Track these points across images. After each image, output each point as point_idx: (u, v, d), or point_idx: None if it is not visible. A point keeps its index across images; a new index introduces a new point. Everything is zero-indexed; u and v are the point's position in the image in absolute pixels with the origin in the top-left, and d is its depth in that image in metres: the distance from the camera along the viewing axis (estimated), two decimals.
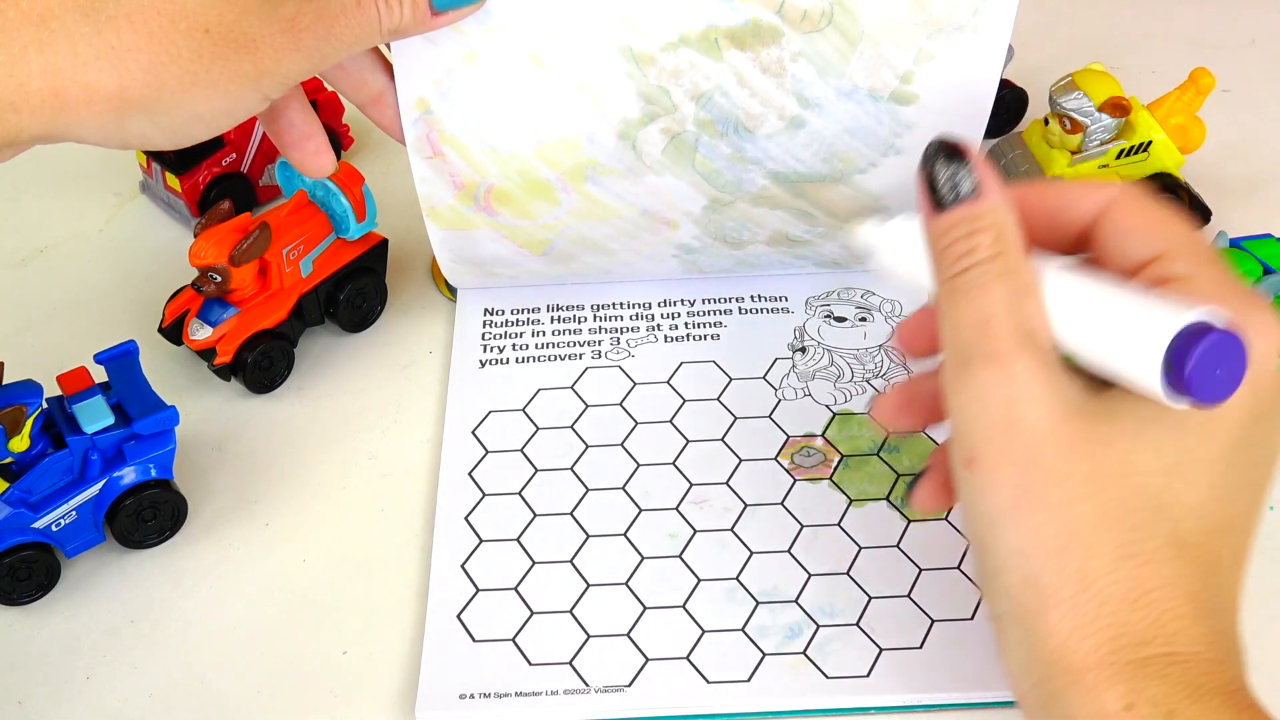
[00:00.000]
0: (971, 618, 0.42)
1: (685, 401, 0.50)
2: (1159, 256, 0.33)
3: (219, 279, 0.49)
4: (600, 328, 0.53)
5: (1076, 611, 0.31)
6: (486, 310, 0.54)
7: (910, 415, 0.40)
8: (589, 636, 0.42)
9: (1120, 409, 0.32)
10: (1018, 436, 0.32)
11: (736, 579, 0.44)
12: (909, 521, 0.45)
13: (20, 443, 0.42)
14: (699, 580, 0.44)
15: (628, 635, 0.42)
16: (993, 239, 0.33)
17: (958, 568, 0.44)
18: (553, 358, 0.52)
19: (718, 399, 0.50)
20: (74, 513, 0.44)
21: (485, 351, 0.53)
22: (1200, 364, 0.29)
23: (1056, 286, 0.33)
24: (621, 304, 0.54)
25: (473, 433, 0.49)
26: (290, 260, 0.51)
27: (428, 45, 0.43)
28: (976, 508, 0.33)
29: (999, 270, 0.33)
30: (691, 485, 0.47)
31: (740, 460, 0.48)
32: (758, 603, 0.43)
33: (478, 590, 0.44)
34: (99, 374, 0.46)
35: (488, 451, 0.49)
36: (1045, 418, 0.31)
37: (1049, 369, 0.32)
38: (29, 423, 0.42)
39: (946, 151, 0.34)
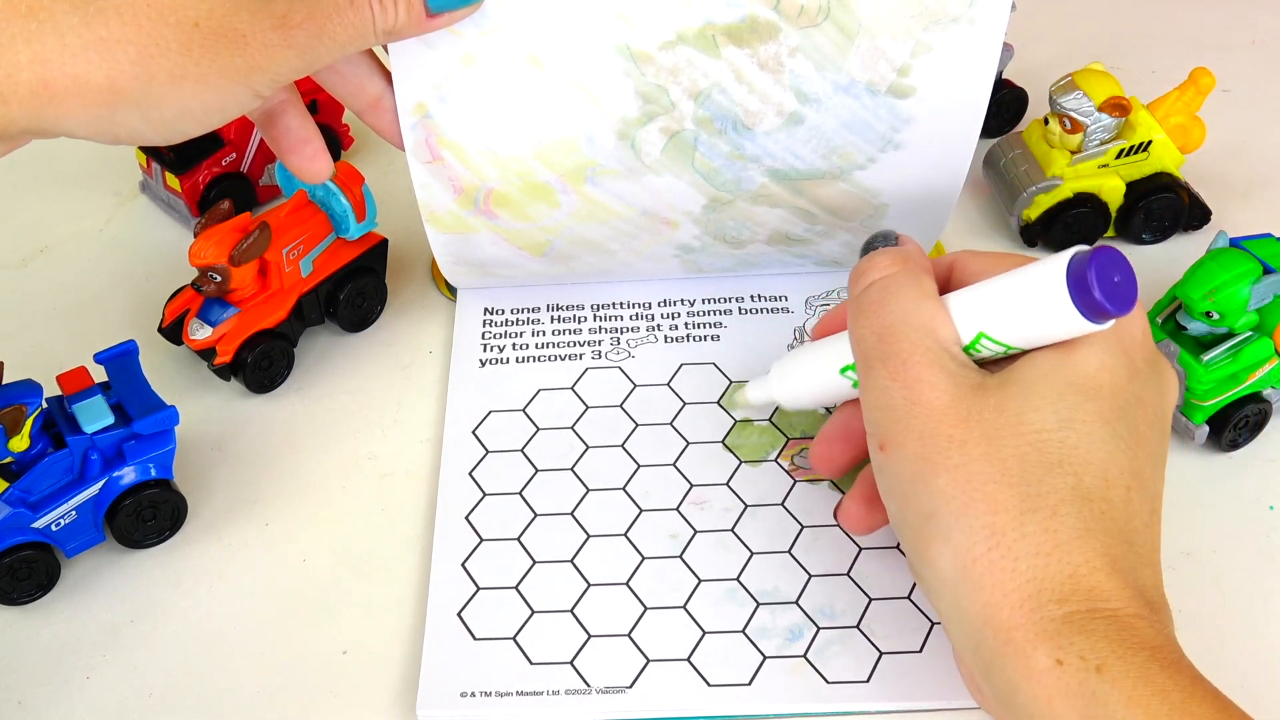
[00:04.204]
0: None
1: (685, 403, 0.50)
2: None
3: (219, 279, 0.49)
4: (600, 328, 0.53)
5: (994, 568, 0.32)
6: (486, 310, 0.54)
7: (839, 454, 0.43)
8: (590, 636, 0.42)
9: (1012, 377, 0.35)
10: (917, 413, 0.34)
11: (737, 580, 0.44)
12: None
13: (20, 443, 0.42)
14: (700, 581, 0.44)
15: (629, 636, 0.42)
16: (892, 259, 0.38)
17: None
18: (553, 358, 0.52)
19: (718, 401, 0.50)
20: (74, 512, 0.44)
21: (485, 351, 0.53)
22: (1100, 278, 0.33)
23: (961, 298, 0.37)
24: (621, 304, 0.54)
25: (473, 433, 0.49)
26: (290, 260, 0.51)
27: (425, 49, 0.43)
28: (892, 488, 0.36)
29: (897, 284, 0.37)
30: (692, 486, 0.47)
31: (740, 461, 0.48)
32: (758, 604, 0.43)
33: (478, 589, 0.44)
34: (99, 374, 0.46)
35: (488, 451, 0.49)
36: (941, 396, 0.34)
37: (945, 358, 0.35)
38: (29, 422, 0.42)
39: (883, 237, 0.40)
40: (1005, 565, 0.32)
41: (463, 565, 0.45)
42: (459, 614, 0.43)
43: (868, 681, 0.41)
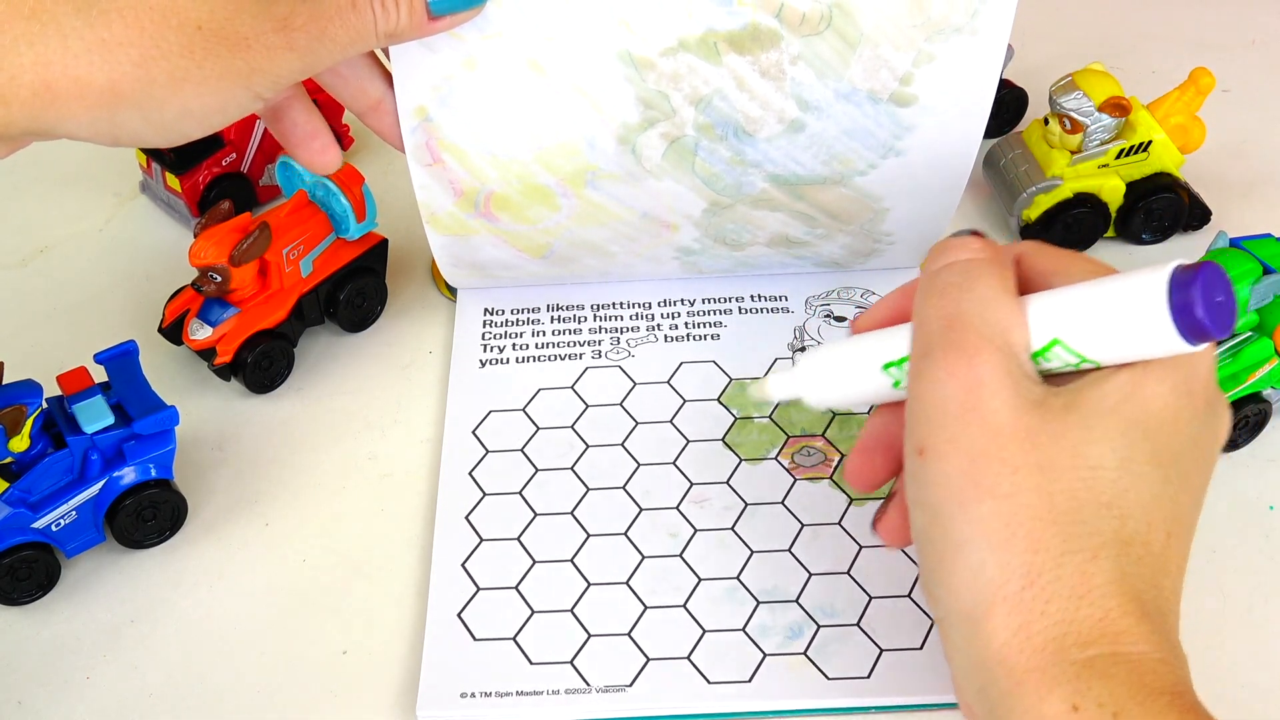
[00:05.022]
0: None
1: (685, 401, 0.50)
2: (1082, 278, 0.34)
3: (219, 279, 0.49)
4: (600, 328, 0.53)
5: (1022, 608, 0.30)
6: (486, 310, 0.54)
7: (879, 466, 0.39)
8: (590, 636, 0.42)
9: (1076, 402, 0.32)
10: (971, 424, 0.31)
11: (737, 578, 0.44)
12: None
13: (20, 443, 0.42)
14: (700, 579, 0.44)
15: (629, 635, 0.42)
16: (982, 245, 0.35)
17: None
18: (553, 358, 0.52)
19: (718, 399, 0.50)
20: (74, 512, 0.44)
21: (485, 351, 0.53)
22: (1205, 297, 0.30)
23: (1041, 300, 0.33)
24: (621, 304, 0.54)
25: (473, 432, 0.49)
26: (290, 260, 0.51)
27: (426, 52, 0.43)
28: (925, 499, 0.32)
29: (981, 269, 0.34)
30: (692, 485, 0.47)
31: (740, 460, 0.48)
32: (758, 602, 0.43)
33: (478, 589, 0.44)
34: (99, 374, 0.46)
35: (488, 451, 0.49)
36: (1002, 409, 0.31)
37: (1013, 364, 0.32)
38: (29, 423, 0.42)
39: (969, 233, 0.36)
40: (1036, 606, 0.30)
41: (463, 565, 0.45)
42: (459, 614, 0.43)
43: (868, 677, 0.41)
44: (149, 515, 0.46)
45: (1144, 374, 0.32)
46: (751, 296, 0.54)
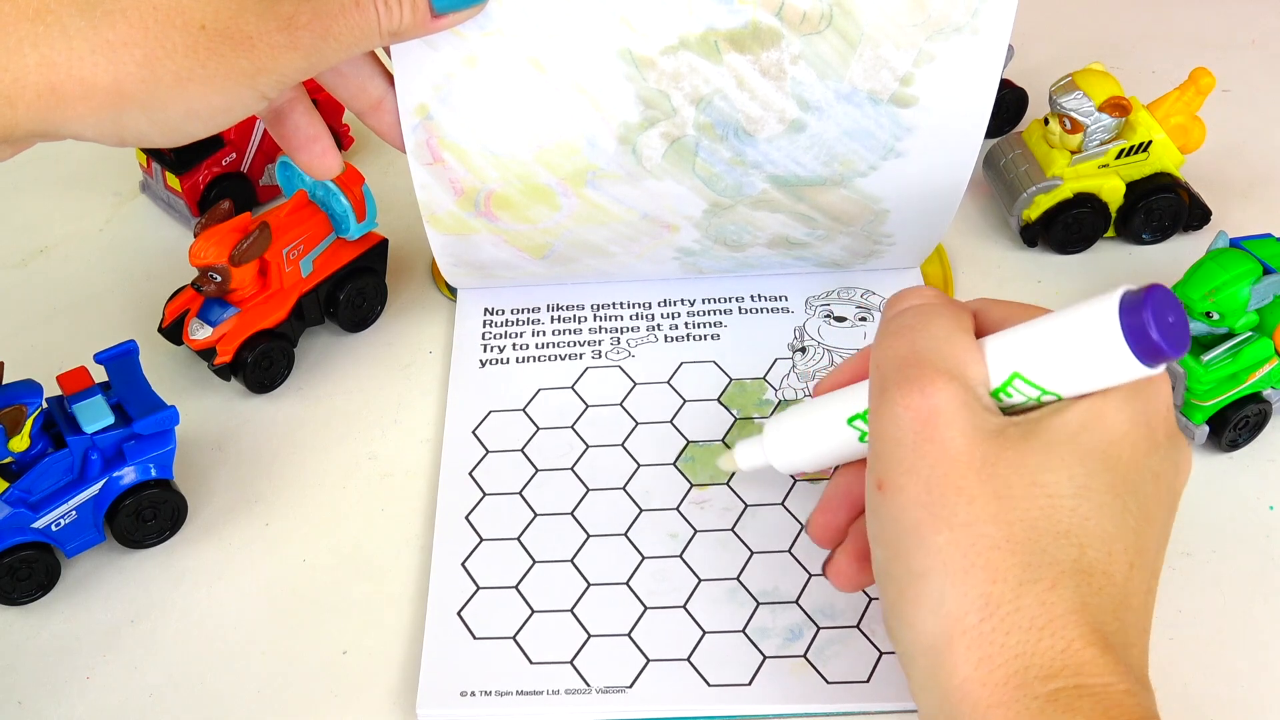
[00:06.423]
0: None
1: (685, 402, 0.50)
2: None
3: (219, 279, 0.49)
4: (600, 328, 0.53)
5: (982, 640, 0.30)
6: (486, 310, 0.54)
7: (843, 523, 0.39)
8: (590, 636, 0.42)
9: (1034, 430, 0.32)
10: (928, 454, 0.32)
11: (737, 579, 0.44)
12: None
13: (20, 443, 0.42)
14: (700, 580, 0.44)
15: (629, 635, 0.42)
16: (934, 293, 0.36)
17: None
18: (553, 358, 0.52)
19: (718, 399, 0.50)
20: (74, 512, 0.44)
21: (485, 351, 0.53)
22: (1156, 317, 0.30)
23: (997, 338, 0.34)
24: (621, 304, 0.54)
25: (473, 432, 0.49)
26: (290, 260, 0.51)
27: (427, 50, 0.43)
28: (884, 534, 0.33)
29: (935, 312, 0.34)
30: (692, 485, 0.47)
31: None
32: (758, 603, 0.43)
33: (478, 588, 0.44)
34: (99, 374, 0.46)
35: (488, 451, 0.49)
36: (958, 437, 0.31)
37: (969, 395, 0.32)
38: (29, 422, 0.42)
39: None
40: (995, 639, 0.30)
41: (463, 565, 0.45)
42: (459, 614, 0.43)
43: (867, 681, 0.41)
44: (149, 515, 0.46)
45: (1102, 403, 0.32)
46: (751, 296, 0.54)
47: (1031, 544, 0.30)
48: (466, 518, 0.46)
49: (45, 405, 0.43)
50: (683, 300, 0.54)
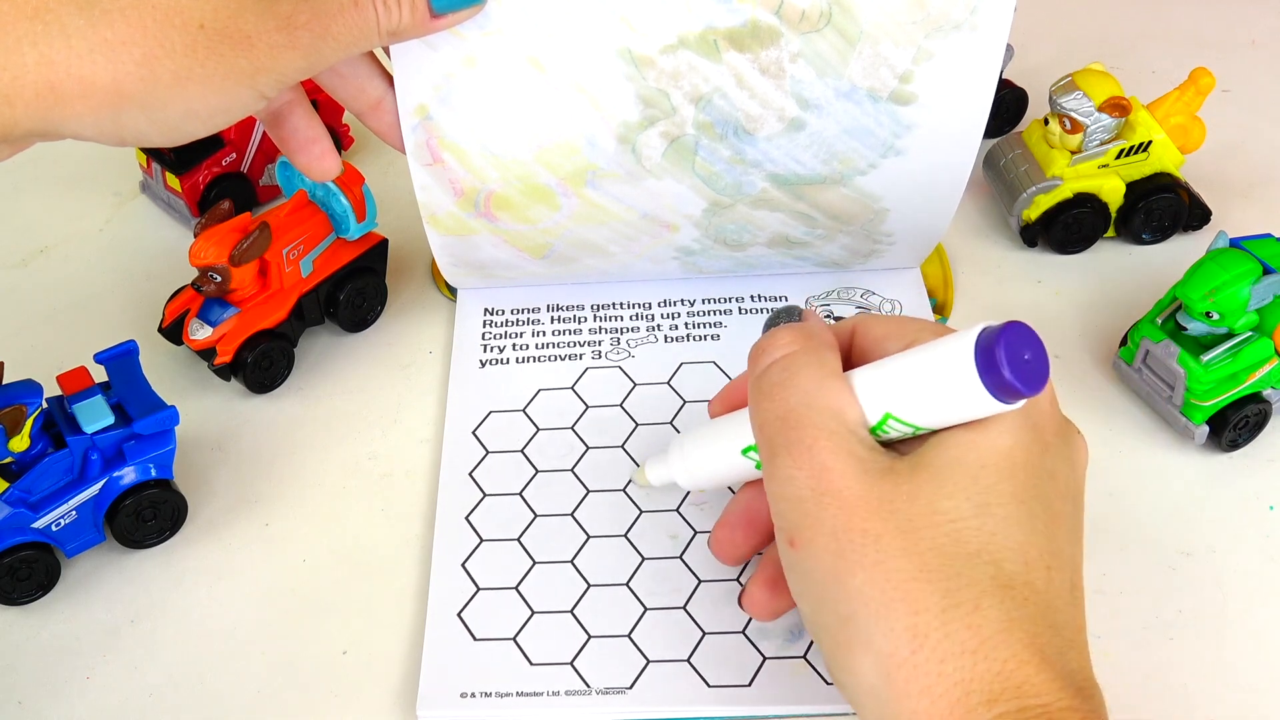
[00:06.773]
0: None
1: (685, 402, 0.50)
2: (910, 342, 0.35)
3: (219, 279, 0.49)
4: (600, 328, 0.53)
5: (919, 672, 0.30)
6: (486, 310, 0.54)
7: (742, 541, 0.40)
8: (590, 637, 0.42)
9: (922, 462, 0.33)
10: (828, 507, 0.32)
11: (737, 580, 0.44)
12: None
13: (20, 443, 0.42)
14: (700, 581, 0.44)
15: (629, 636, 0.42)
16: (794, 336, 0.36)
17: None
18: (553, 358, 0.52)
19: None
20: (74, 512, 0.44)
21: (485, 351, 0.53)
22: (1010, 356, 0.31)
23: (865, 375, 0.35)
24: (621, 304, 0.54)
25: (473, 433, 0.49)
26: (290, 260, 0.51)
27: (427, 50, 0.43)
28: (806, 589, 0.33)
29: (799, 363, 0.35)
30: None
31: None
32: None
33: (478, 589, 0.44)
34: (99, 374, 0.46)
35: (488, 452, 0.49)
36: (853, 485, 0.32)
37: (852, 443, 0.33)
38: (29, 423, 0.42)
39: (786, 313, 0.39)
40: (931, 669, 0.30)
41: (463, 565, 0.45)
42: (459, 614, 0.43)
43: None
44: (149, 515, 0.46)
45: (984, 421, 0.33)
46: (751, 296, 0.54)
47: (946, 570, 0.31)
48: (466, 518, 0.46)
49: (45, 405, 0.43)
50: (683, 300, 0.54)
